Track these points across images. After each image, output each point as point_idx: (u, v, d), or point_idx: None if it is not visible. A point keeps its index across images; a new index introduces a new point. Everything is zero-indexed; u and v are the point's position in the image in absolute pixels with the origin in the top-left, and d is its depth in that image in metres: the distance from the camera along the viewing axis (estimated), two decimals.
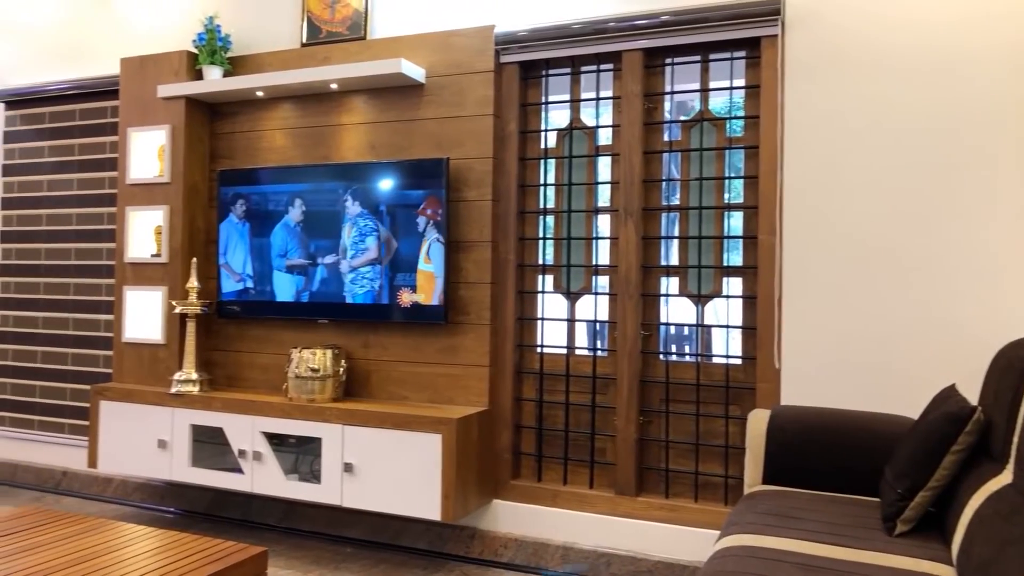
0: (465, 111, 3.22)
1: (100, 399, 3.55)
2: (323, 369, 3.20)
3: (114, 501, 3.92)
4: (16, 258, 4.31)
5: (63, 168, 4.19)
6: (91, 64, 4.14)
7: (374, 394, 3.34)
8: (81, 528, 2.48)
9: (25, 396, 4.24)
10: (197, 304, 3.46)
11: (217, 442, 3.35)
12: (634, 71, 3.02)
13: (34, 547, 2.30)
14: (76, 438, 4.07)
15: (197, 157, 3.69)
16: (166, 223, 3.63)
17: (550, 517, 3.08)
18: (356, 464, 3.01)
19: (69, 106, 4.19)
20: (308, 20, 3.57)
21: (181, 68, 3.64)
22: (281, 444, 3.22)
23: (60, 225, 4.18)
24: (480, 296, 3.17)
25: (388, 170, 3.24)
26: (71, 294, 4.14)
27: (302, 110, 3.55)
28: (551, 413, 3.17)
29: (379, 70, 3.19)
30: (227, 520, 3.63)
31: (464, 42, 3.23)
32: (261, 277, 3.49)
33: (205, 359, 3.67)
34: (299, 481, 3.15)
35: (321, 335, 3.46)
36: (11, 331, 4.30)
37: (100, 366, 4.03)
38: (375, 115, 3.40)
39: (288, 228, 3.44)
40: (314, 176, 3.39)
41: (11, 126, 4.35)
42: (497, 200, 3.20)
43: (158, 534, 2.42)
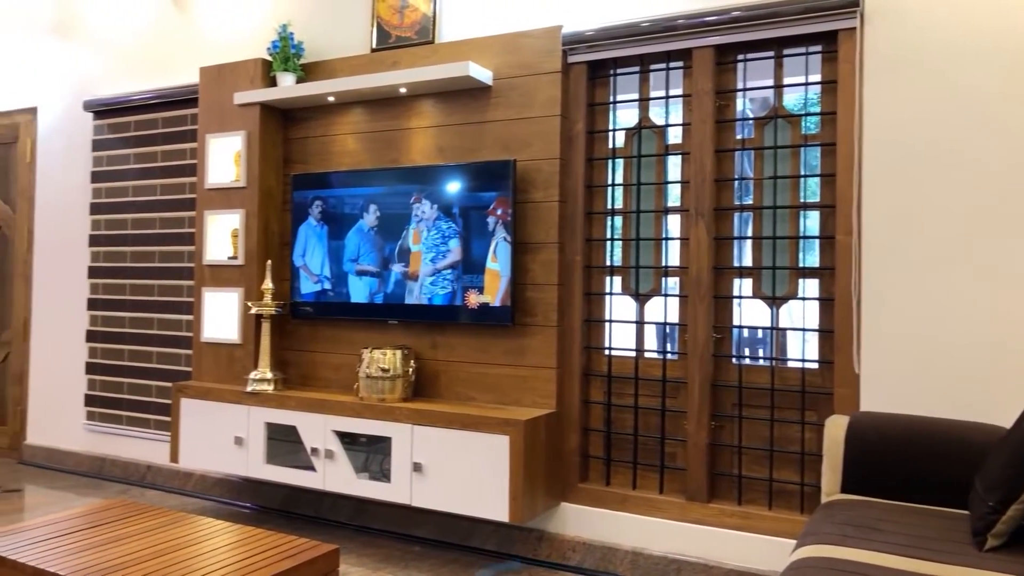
0: (532, 112, 3.21)
1: (181, 396, 3.68)
2: (393, 369, 3.24)
3: (194, 495, 4.06)
4: (104, 261, 4.51)
5: (147, 174, 4.37)
6: (173, 74, 4.30)
7: (442, 394, 3.37)
8: (163, 521, 2.57)
9: (113, 393, 4.43)
10: (272, 305, 3.55)
11: (291, 440, 3.43)
12: (705, 68, 2.96)
13: (120, 538, 2.40)
14: (160, 433, 4.24)
15: (271, 162, 3.79)
16: (242, 226, 3.74)
17: (619, 521, 3.05)
18: (425, 464, 3.04)
19: (152, 115, 4.36)
20: (378, 25, 3.63)
21: (256, 75, 3.75)
22: (352, 443, 3.28)
23: (144, 229, 4.36)
24: (547, 298, 3.16)
25: (456, 173, 3.26)
26: (155, 295, 4.31)
27: (372, 114, 3.61)
28: (619, 416, 3.14)
29: (447, 73, 3.21)
30: (300, 517, 3.72)
31: (531, 43, 3.22)
32: (335, 279, 3.56)
33: (279, 359, 3.77)
34: (369, 480, 3.20)
35: (391, 336, 3.51)
36: (100, 330, 4.50)
37: (181, 364, 4.18)
38: (443, 118, 3.43)
39: (361, 231, 3.50)
40: (384, 179, 3.44)
41: (99, 135, 4.56)
42: (564, 201, 3.19)
43: (235, 529, 2.49)
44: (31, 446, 4.75)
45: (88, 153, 4.60)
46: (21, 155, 4.92)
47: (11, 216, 4.96)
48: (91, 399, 4.52)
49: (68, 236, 4.67)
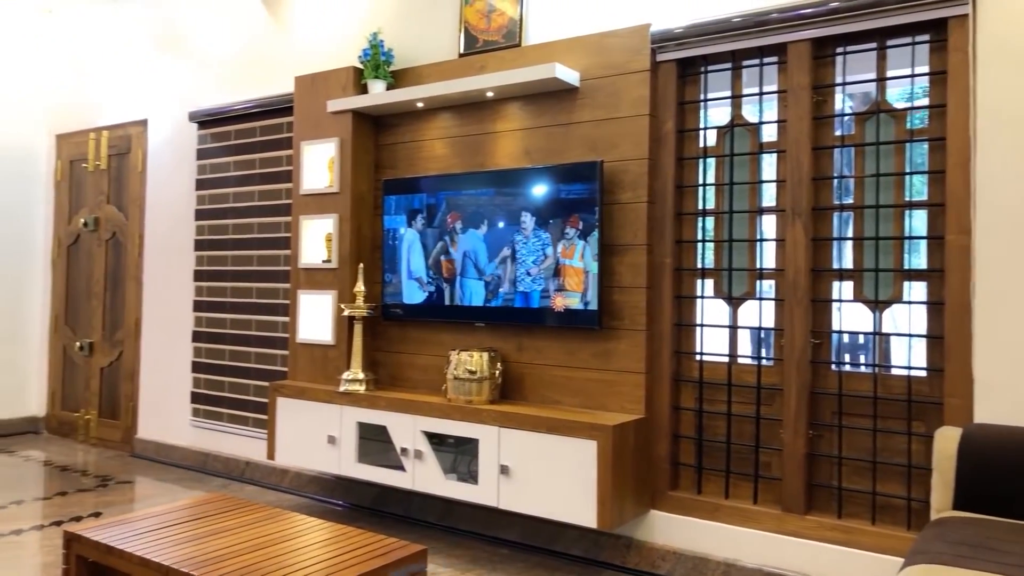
0: (620, 112, 3.17)
1: (277, 395, 3.81)
2: (480, 371, 3.25)
3: (289, 491, 4.20)
4: (208, 264, 4.72)
5: (246, 181, 4.55)
6: (270, 84, 4.46)
7: (528, 397, 3.36)
8: (260, 516, 2.66)
9: (215, 391, 4.64)
10: (363, 307, 3.63)
11: (381, 439, 3.49)
12: (801, 63, 2.85)
13: (220, 531, 2.50)
14: (258, 431, 4.40)
15: (363, 167, 3.87)
16: (335, 231, 3.84)
17: (710, 531, 2.96)
18: (512, 467, 3.04)
19: (251, 123, 4.54)
20: (465, 31, 3.66)
21: (348, 83, 3.84)
22: (441, 443, 3.31)
23: (244, 234, 4.54)
24: (635, 301, 3.11)
25: (543, 175, 3.25)
26: (254, 297, 4.48)
27: (460, 119, 3.64)
28: (711, 423, 3.05)
29: (534, 76, 3.20)
30: (390, 515, 3.78)
31: (619, 43, 3.18)
32: (424, 282, 3.61)
33: (370, 359, 3.85)
34: (457, 481, 3.22)
35: (478, 338, 3.53)
36: (204, 331, 4.72)
37: (278, 364, 4.33)
38: (529, 121, 3.42)
39: (449, 234, 3.53)
40: (471, 183, 3.46)
41: (203, 144, 4.78)
42: (653, 202, 3.12)
43: (327, 527, 2.55)
44: (142, 440, 5.02)
45: (193, 162, 4.83)
46: (133, 165, 5.22)
47: (124, 222, 5.27)
48: (196, 396, 4.73)
49: (175, 241, 4.92)
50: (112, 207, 5.35)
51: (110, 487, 4.29)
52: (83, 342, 5.43)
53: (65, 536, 2.52)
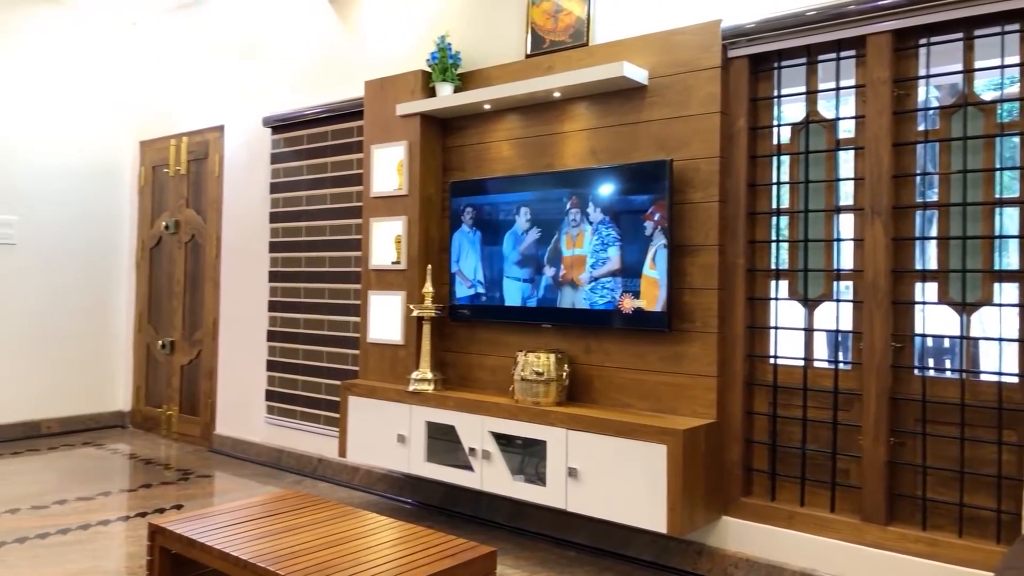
0: (690, 110, 3.11)
1: (348, 394, 3.88)
2: (547, 373, 3.25)
3: (360, 489, 4.27)
4: (282, 266, 4.85)
5: (318, 184, 4.65)
6: (341, 89, 4.55)
7: (596, 400, 3.34)
8: (332, 514, 2.72)
9: (289, 389, 4.76)
10: (432, 308, 3.67)
11: (449, 439, 3.52)
12: (881, 56, 2.74)
13: (295, 528, 2.56)
14: (330, 429, 4.50)
15: (431, 170, 3.91)
16: (404, 232, 3.89)
17: (785, 539, 2.88)
18: (580, 469, 3.02)
19: (323, 128, 4.64)
20: (532, 31, 3.65)
21: (416, 87, 3.89)
22: (508, 444, 3.32)
23: (316, 236, 4.65)
24: (706, 303, 3.05)
25: (610, 175, 3.22)
26: (326, 298, 4.58)
27: (526, 120, 3.64)
28: (786, 429, 2.97)
29: (601, 75, 3.18)
30: (459, 515, 3.81)
31: (688, 40, 3.12)
32: (491, 283, 3.62)
33: (439, 359, 3.89)
34: (525, 482, 3.22)
35: (545, 339, 3.52)
36: (279, 331, 4.85)
37: (349, 363, 4.42)
38: (597, 120, 3.40)
39: (515, 235, 3.54)
40: (538, 184, 3.45)
41: (276, 148, 4.91)
42: (724, 201, 3.06)
43: (397, 526, 2.59)
44: (220, 435, 5.20)
45: (267, 166, 4.97)
46: (211, 169, 5.40)
47: (202, 225, 5.46)
48: (270, 394, 4.87)
49: (250, 243, 5.07)
50: (191, 211, 5.55)
51: (191, 481, 4.45)
52: (165, 341, 5.66)
53: (150, 528, 2.63)
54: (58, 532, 3.47)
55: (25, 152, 5.49)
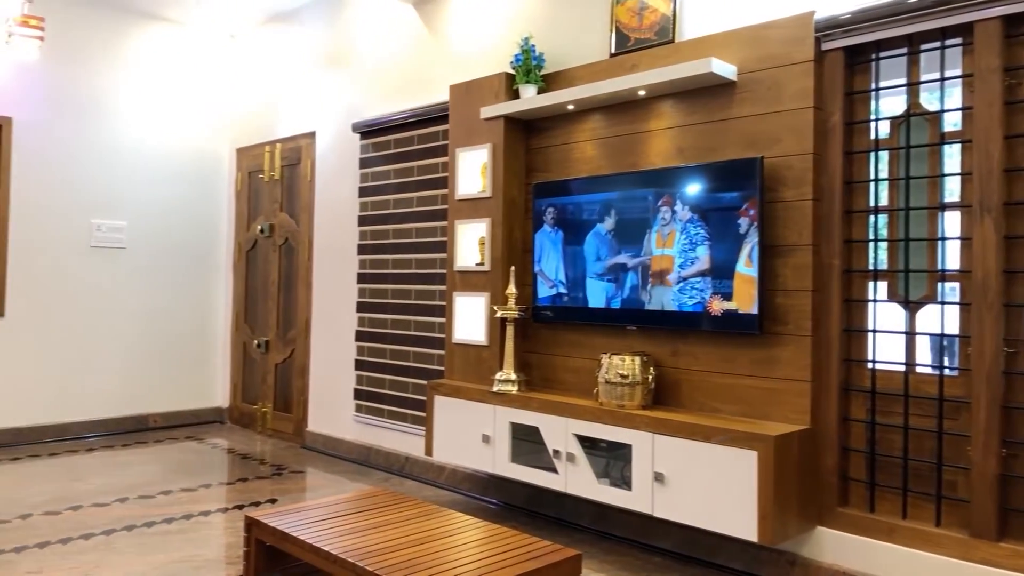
0: (781, 106, 3.01)
1: (434, 394, 3.94)
2: (632, 376, 3.20)
3: (445, 488, 4.33)
4: (370, 268, 4.97)
5: (405, 188, 4.74)
6: (427, 94, 4.63)
7: (683, 403, 3.27)
8: (419, 512, 2.76)
9: (377, 388, 4.87)
10: (515, 309, 3.68)
11: (533, 440, 3.52)
12: (990, 43, 2.58)
13: (382, 525, 2.61)
14: (416, 428, 4.58)
15: (515, 172, 3.93)
16: (488, 234, 3.92)
17: (885, 553, 2.75)
18: (667, 474, 2.97)
19: (409, 132, 4.73)
20: (616, 30, 3.62)
21: (500, 89, 3.91)
22: (593, 447, 3.29)
23: (403, 238, 4.74)
24: (799, 305, 2.94)
25: (697, 173, 3.15)
26: (412, 299, 4.66)
27: (611, 119, 3.60)
28: (885, 437, 2.83)
29: (688, 72, 3.11)
30: (543, 517, 3.81)
31: (779, 33, 3.02)
32: (573, 284, 3.61)
33: (522, 360, 3.89)
34: (610, 486, 3.19)
35: (629, 341, 3.48)
36: (367, 331, 4.97)
37: (434, 363, 4.48)
38: (683, 118, 3.33)
39: (599, 236, 3.51)
40: (622, 184, 3.41)
41: (365, 153, 5.04)
42: (819, 199, 2.94)
43: (483, 526, 2.60)
44: (312, 432, 5.37)
45: (356, 170, 5.10)
46: (303, 174, 5.58)
47: (296, 229, 5.65)
48: (359, 393, 4.99)
49: (340, 246, 5.21)
50: (285, 214, 5.75)
51: (284, 476, 4.61)
52: (260, 340, 5.88)
53: (246, 521, 2.73)
54: (163, 521, 3.66)
55: (134, 161, 5.82)
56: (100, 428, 5.63)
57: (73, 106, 5.54)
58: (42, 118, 5.40)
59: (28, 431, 5.31)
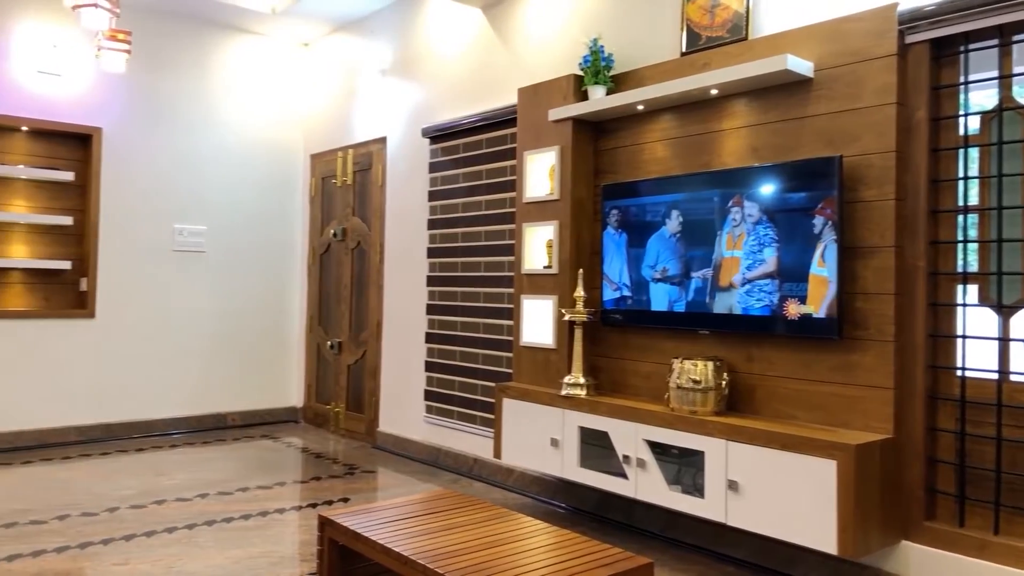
0: (861, 102, 2.90)
1: (503, 396, 3.94)
2: (704, 381, 3.14)
3: (514, 490, 4.33)
4: (440, 271, 5.02)
5: (473, 191, 4.77)
6: (495, 97, 4.64)
7: (758, 410, 3.18)
8: (489, 515, 2.76)
9: (446, 389, 4.91)
10: (583, 312, 3.65)
11: (602, 445, 3.49)
12: None
13: (452, 527, 2.62)
14: (485, 430, 4.60)
15: (583, 174, 3.90)
16: (556, 237, 3.90)
17: (975, 570, 2.61)
18: (741, 482, 2.89)
19: (478, 136, 4.75)
20: (687, 29, 3.55)
21: (568, 91, 3.89)
22: (664, 453, 3.24)
23: (472, 242, 4.77)
24: (881, 309, 2.82)
25: (772, 173, 3.06)
26: (481, 301, 4.68)
27: (681, 119, 3.54)
28: (977, 448, 2.69)
29: (763, 69, 3.03)
30: (612, 522, 3.77)
31: (859, 27, 2.91)
32: (638, 286, 3.56)
33: (591, 364, 3.86)
34: (682, 493, 3.13)
35: (701, 346, 3.41)
36: (436, 333, 5.02)
37: (503, 366, 4.49)
38: (757, 117, 3.25)
39: (664, 238, 3.45)
40: (693, 185, 3.35)
41: (434, 158, 5.09)
42: (902, 199, 2.82)
43: (552, 531, 2.59)
44: (383, 433, 5.45)
45: (426, 175, 5.16)
46: (374, 179, 5.68)
47: (367, 232, 5.75)
48: (429, 394, 5.05)
49: (410, 249, 5.28)
50: (357, 219, 5.87)
51: (356, 475, 4.69)
52: (333, 341, 6.01)
53: (320, 520, 2.78)
54: (240, 517, 3.77)
55: (214, 167, 6.03)
56: (182, 425, 5.85)
57: (158, 116, 5.77)
58: (129, 128, 5.65)
59: (116, 427, 5.57)
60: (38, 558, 3.16)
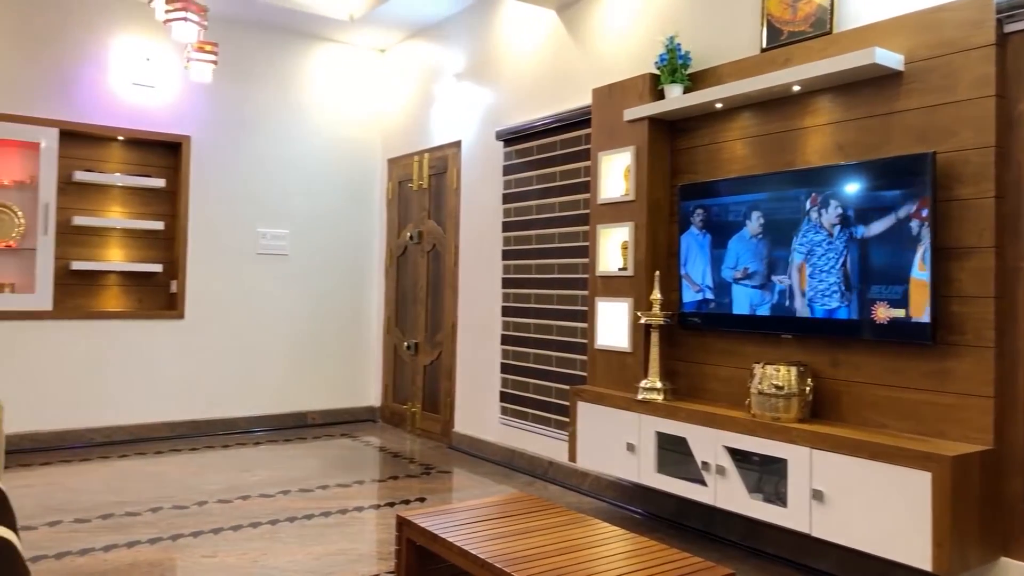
0: (956, 95, 2.76)
1: (577, 399, 3.92)
2: (787, 387, 3.04)
3: (589, 494, 4.30)
4: (513, 273, 5.03)
5: (547, 193, 4.76)
6: (569, 98, 4.62)
7: (844, 418, 3.07)
8: (565, 520, 2.74)
9: (521, 392, 4.92)
10: (660, 315, 3.60)
11: (680, 451, 3.42)
12: None
13: (529, 531, 2.62)
14: (559, 433, 4.58)
15: (659, 174, 3.84)
16: (631, 238, 3.85)
17: None
18: (826, 492, 2.79)
19: (551, 138, 4.74)
20: (768, 24, 3.46)
21: (644, 90, 3.84)
22: (744, 460, 3.15)
23: (545, 244, 4.76)
24: (980, 312, 2.68)
25: (860, 172, 2.94)
26: (554, 304, 4.67)
27: (762, 117, 3.44)
28: None
29: (849, 64, 2.92)
30: (690, 530, 3.69)
31: (954, 16, 2.77)
32: (720, 289, 3.48)
33: (668, 368, 3.80)
34: (763, 501, 3.04)
35: (784, 350, 3.31)
36: (510, 335, 5.03)
37: (577, 369, 4.47)
38: (842, 113, 3.13)
39: (745, 239, 3.36)
40: (775, 184, 3.25)
41: (508, 160, 5.10)
42: (1002, 197, 2.67)
43: (630, 537, 2.55)
44: (458, 433, 5.50)
45: (500, 177, 5.18)
46: (449, 182, 5.74)
47: (442, 235, 5.82)
48: (503, 396, 5.06)
49: (485, 251, 5.31)
50: (432, 222, 5.94)
51: (432, 475, 4.75)
52: (410, 342, 6.10)
53: (397, 520, 2.82)
54: (321, 514, 3.86)
55: (295, 173, 6.21)
56: (265, 423, 6.04)
57: (241, 123, 5.98)
58: (215, 135, 5.87)
59: (203, 423, 5.79)
60: (132, 548, 3.31)
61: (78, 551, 3.26)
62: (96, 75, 5.43)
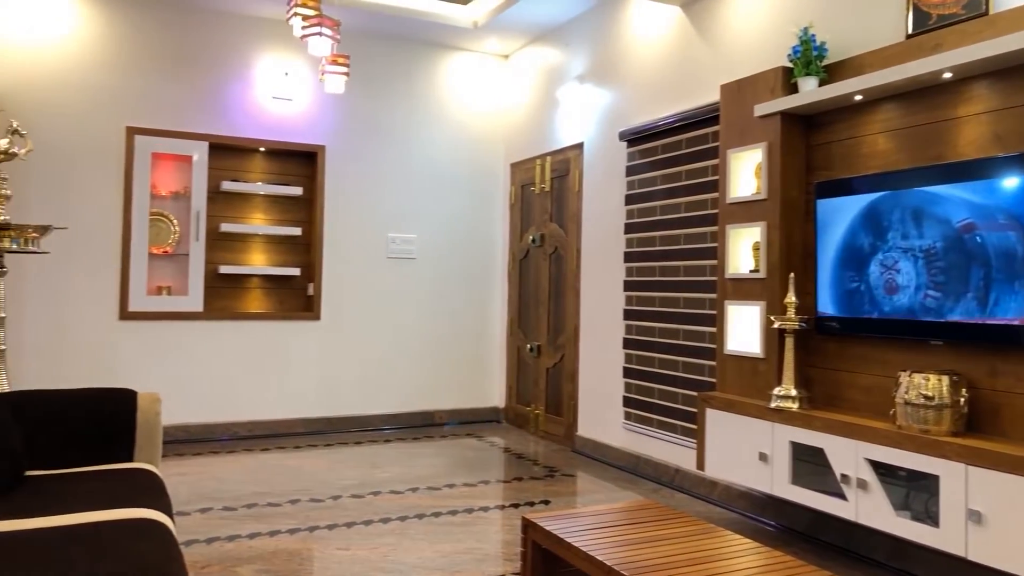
0: None
1: (706, 406, 3.80)
2: (938, 397, 2.82)
3: (718, 504, 4.16)
4: (636, 275, 4.95)
5: (672, 193, 4.66)
6: (694, 96, 4.50)
7: (1006, 432, 2.81)
8: (695, 530, 2.66)
9: (645, 396, 4.83)
10: (795, 320, 3.43)
11: (816, 462, 3.25)
12: None
13: (656, 539, 2.56)
14: (686, 439, 4.46)
15: (793, 171, 3.67)
16: (763, 239, 3.70)
17: None
18: (985, 513, 2.57)
19: (677, 137, 4.63)
20: (914, 8, 3.23)
21: (776, 84, 3.67)
22: (889, 475, 2.95)
23: (670, 245, 4.65)
24: None
25: (1020, 164, 2.69)
26: (680, 307, 4.56)
27: (907, 108, 3.22)
28: None
29: (1010, 46, 2.68)
30: (828, 545, 3.50)
31: None
32: (863, 293, 3.27)
33: (803, 375, 3.61)
34: (911, 520, 2.84)
35: (933, 358, 3.07)
36: (634, 338, 4.96)
37: (705, 374, 4.34)
38: (1000, 101, 2.88)
39: (894, 239, 3.14)
40: (922, 179, 3.03)
41: (631, 161, 5.03)
42: None
43: (764, 552, 2.44)
44: (581, 437, 5.47)
45: (622, 178, 5.11)
46: (571, 185, 5.73)
47: (564, 238, 5.81)
48: (627, 401, 4.99)
49: (607, 254, 5.26)
50: (554, 224, 5.94)
51: (556, 478, 4.75)
52: (532, 344, 6.14)
53: (523, 522, 2.83)
54: (447, 513, 3.94)
55: (423, 179, 6.39)
56: (394, 421, 6.25)
57: (372, 132, 6.22)
58: (348, 144, 6.13)
59: (337, 421, 6.05)
60: (274, 537, 3.50)
61: (226, 537, 3.48)
62: (242, 91, 5.79)
